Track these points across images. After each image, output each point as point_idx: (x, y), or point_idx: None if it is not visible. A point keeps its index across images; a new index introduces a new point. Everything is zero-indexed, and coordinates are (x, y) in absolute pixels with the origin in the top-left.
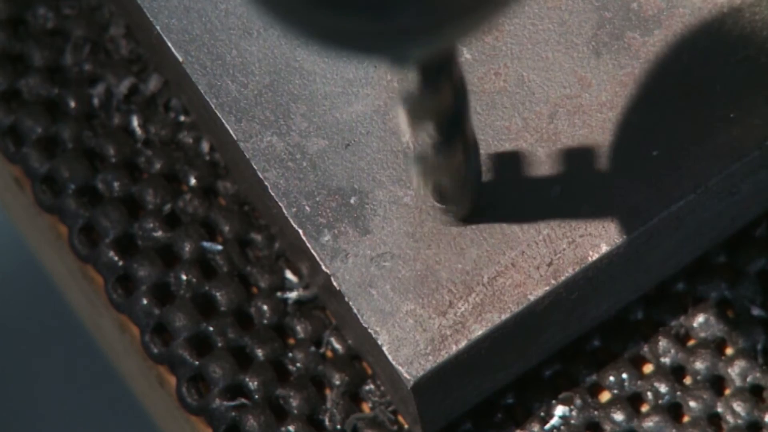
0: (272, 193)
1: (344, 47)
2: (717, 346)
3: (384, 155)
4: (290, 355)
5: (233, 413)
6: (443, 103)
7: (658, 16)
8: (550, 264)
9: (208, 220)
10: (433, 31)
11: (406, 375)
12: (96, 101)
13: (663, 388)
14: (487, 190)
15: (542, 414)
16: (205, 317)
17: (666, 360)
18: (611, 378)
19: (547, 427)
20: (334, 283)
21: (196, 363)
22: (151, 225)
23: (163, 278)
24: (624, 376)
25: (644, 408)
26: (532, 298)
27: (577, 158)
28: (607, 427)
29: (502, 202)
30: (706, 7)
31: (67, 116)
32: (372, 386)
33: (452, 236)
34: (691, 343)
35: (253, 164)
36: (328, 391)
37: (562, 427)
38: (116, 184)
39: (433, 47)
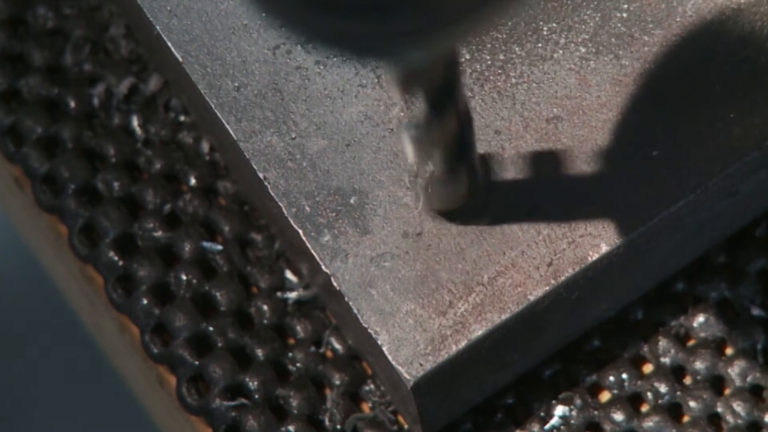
0: (272, 193)
1: (343, 49)
2: (717, 346)
3: (384, 155)
4: (290, 355)
5: (233, 413)
6: (435, 74)
7: (658, 16)
8: (550, 264)
9: (208, 220)
10: (432, 33)
11: (406, 375)
12: (96, 101)
13: (663, 388)
14: (487, 190)
15: (542, 414)
16: (205, 317)
17: (666, 360)
18: (611, 378)
19: (547, 427)
20: (334, 283)
21: (196, 363)
22: (151, 225)
23: (163, 278)
24: (624, 376)
25: (644, 408)
26: (532, 298)
27: (577, 158)
28: (607, 427)
29: (502, 202)
30: (706, 7)
31: (67, 116)
32: (372, 386)
33: (452, 236)
34: (691, 343)
35: (253, 164)
36: (328, 391)
37: (562, 427)
38: (116, 184)
39: (433, 49)
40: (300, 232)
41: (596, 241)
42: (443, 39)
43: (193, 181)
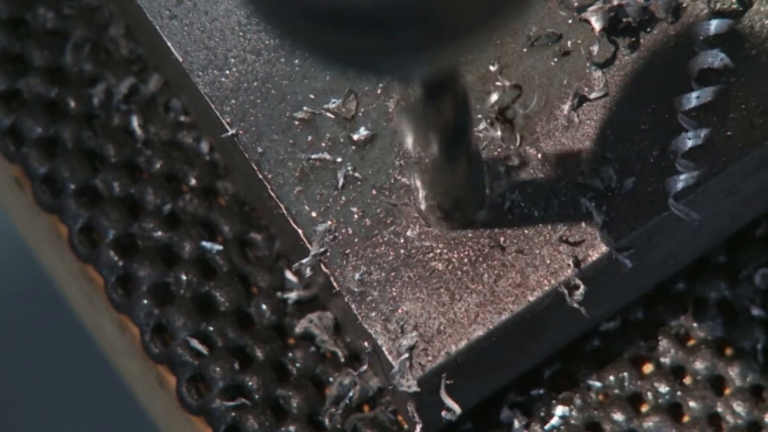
0: (273, 194)
1: (349, 65)
2: (717, 346)
3: (386, 156)
4: (290, 355)
5: (233, 413)
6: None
7: (660, 16)
8: (549, 264)
9: (208, 220)
10: (437, 49)
11: (406, 375)
12: (96, 101)
13: (663, 388)
14: (487, 191)
15: (542, 414)
16: (205, 317)
17: (666, 360)
18: (611, 378)
19: (547, 427)
20: (334, 283)
21: (196, 363)
22: (151, 225)
23: (163, 278)
24: (624, 376)
25: (644, 408)
26: (532, 298)
27: (577, 158)
28: (607, 427)
29: (502, 203)
30: (706, 8)
31: (67, 116)
32: (372, 386)
33: (452, 236)
34: (691, 343)
35: (253, 164)
36: (328, 391)
37: (562, 427)
38: (116, 184)
39: (438, 64)
40: (300, 232)
41: (596, 241)
42: (448, 54)
43: (193, 181)
